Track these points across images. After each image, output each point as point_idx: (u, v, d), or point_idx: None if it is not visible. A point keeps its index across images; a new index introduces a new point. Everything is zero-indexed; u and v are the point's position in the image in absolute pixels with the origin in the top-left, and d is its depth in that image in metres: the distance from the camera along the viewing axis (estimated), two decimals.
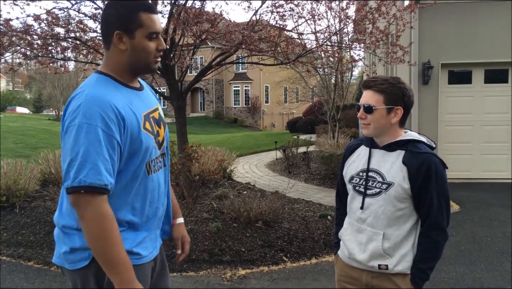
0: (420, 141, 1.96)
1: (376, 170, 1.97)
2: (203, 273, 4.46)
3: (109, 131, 1.59)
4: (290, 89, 30.02)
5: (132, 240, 1.73)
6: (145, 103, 1.82)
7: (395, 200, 1.90)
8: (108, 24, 1.72)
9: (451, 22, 8.75)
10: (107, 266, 1.60)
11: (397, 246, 1.94)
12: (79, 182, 1.55)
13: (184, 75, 6.27)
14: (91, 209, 1.56)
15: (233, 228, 5.40)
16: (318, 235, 5.41)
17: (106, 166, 1.58)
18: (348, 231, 2.09)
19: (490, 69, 8.98)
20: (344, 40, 8.80)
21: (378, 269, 1.96)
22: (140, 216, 1.76)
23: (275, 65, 6.62)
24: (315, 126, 18.42)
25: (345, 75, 13.69)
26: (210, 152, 8.77)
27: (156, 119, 1.85)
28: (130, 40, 1.71)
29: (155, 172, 1.81)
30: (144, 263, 1.78)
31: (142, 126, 1.72)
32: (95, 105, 1.59)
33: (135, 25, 1.69)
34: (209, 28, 5.13)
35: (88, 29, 5.65)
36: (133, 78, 1.82)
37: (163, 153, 1.89)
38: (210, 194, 7.11)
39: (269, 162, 12.42)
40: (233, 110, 39.83)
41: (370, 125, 1.96)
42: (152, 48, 1.74)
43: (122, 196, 1.70)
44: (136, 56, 1.73)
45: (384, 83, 1.93)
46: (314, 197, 7.66)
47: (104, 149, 1.57)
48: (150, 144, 1.74)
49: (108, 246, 1.58)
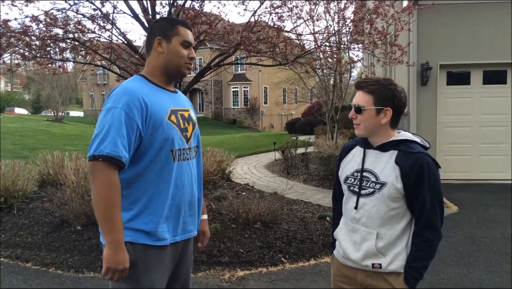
0: (413, 141, 1.99)
1: (370, 170, 2.01)
2: (201, 274, 4.45)
3: (131, 114, 1.91)
4: (289, 90, 30.02)
5: (151, 222, 1.97)
6: (175, 102, 2.14)
7: (388, 199, 1.93)
8: (152, 34, 2.13)
9: (449, 23, 8.76)
10: (104, 225, 1.87)
11: (391, 245, 1.96)
12: (99, 152, 1.86)
13: None
14: (103, 175, 1.86)
15: (232, 229, 5.39)
16: (317, 236, 5.40)
17: (123, 142, 1.88)
18: (343, 230, 2.12)
19: (488, 70, 8.99)
20: (343, 41, 8.79)
21: (372, 268, 1.99)
22: (164, 198, 2.00)
23: (274, 66, 6.62)
24: (314, 128, 18.43)
25: (344, 76, 13.69)
26: (209, 152, 8.75)
27: (186, 117, 2.16)
28: (167, 44, 2.09)
29: (181, 160, 2.07)
30: (162, 245, 2.00)
31: (167, 117, 2.03)
32: (124, 94, 1.95)
33: (173, 33, 2.09)
34: (207, 29, 5.13)
35: (87, 30, 5.64)
36: (167, 81, 2.16)
37: (191, 147, 2.16)
38: (208, 195, 7.09)
39: (268, 162, 12.41)
40: (232, 111, 39.83)
41: (360, 125, 2.01)
42: (184, 54, 2.11)
43: (147, 175, 1.98)
44: (170, 58, 2.09)
45: (374, 84, 1.97)
46: (313, 198, 7.66)
47: (124, 128, 1.89)
48: (173, 133, 2.03)
49: (109, 208, 1.86)
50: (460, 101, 9.05)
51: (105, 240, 1.87)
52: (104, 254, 1.86)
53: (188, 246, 2.21)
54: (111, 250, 1.85)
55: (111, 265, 1.84)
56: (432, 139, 8.80)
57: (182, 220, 2.10)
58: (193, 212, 2.17)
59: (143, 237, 1.96)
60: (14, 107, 47.16)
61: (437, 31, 8.77)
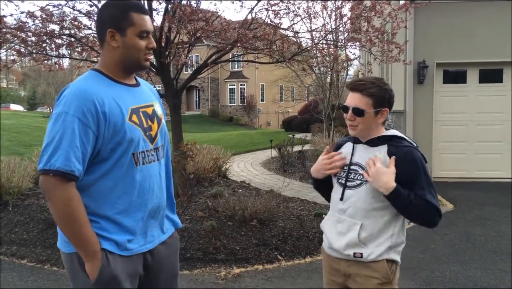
0: (402, 138, 2.06)
1: (358, 163, 2.08)
2: (197, 271, 4.45)
3: (86, 122, 1.72)
4: (285, 88, 30.06)
5: (116, 231, 1.84)
6: (136, 98, 1.93)
7: (374, 191, 1.98)
8: (102, 24, 1.87)
9: (446, 22, 8.77)
10: (73, 243, 1.77)
11: (373, 236, 2.00)
12: (50, 166, 1.69)
13: (179, 73, 6.24)
14: (57, 192, 1.70)
15: (228, 227, 5.39)
16: (313, 233, 5.41)
17: (76, 153, 1.70)
18: (329, 222, 2.17)
19: (484, 69, 9.01)
20: (340, 39, 8.80)
21: (353, 257, 2.03)
22: (127, 205, 1.85)
23: (271, 63, 6.61)
24: (310, 125, 18.44)
25: (341, 74, 13.70)
26: (205, 150, 8.75)
27: (149, 114, 1.95)
28: (122, 38, 1.84)
29: (145, 164, 1.90)
30: (130, 255, 1.87)
31: (127, 118, 1.83)
32: (77, 97, 1.74)
33: (126, 24, 1.83)
34: (204, 26, 5.12)
35: (83, 26, 5.62)
36: (125, 75, 1.94)
37: (157, 147, 1.97)
38: (205, 192, 7.09)
39: (264, 160, 12.42)
40: (229, 109, 39.79)
41: (357, 126, 2.05)
42: (142, 46, 1.87)
43: (106, 183, 1.81)
44: (127, 53, 1.86)
45: (372, 87, 2.00)
46: (309, 195, 7.66)
47: (77, 137, 1.70)
48: (136, 136, 1.84)
49: (73, 227, 1.73)
50: (456, 100, 9.07)
51: (81, 254, 1.78)
52: (86, 268, 1.78)
53: (162, 251, 2.03)
54: (90, 263, 1.77)
55: (95, 276, 1.78)
56: (428, 138, 8.83)
57: (150, 227, 1.95)
58: (162, 215, 2.04)
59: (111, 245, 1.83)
60: (9, 103, 46.94)
61: (434, 30, 8.78)
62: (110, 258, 1.81)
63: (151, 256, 1.97)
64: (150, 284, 2.01)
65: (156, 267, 2.00)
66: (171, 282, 2.10)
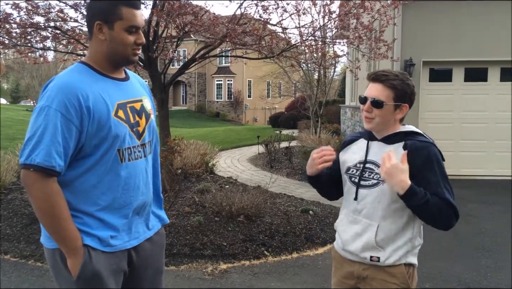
0: (420, 134, 1.95)
1: (374, 161, 1.95)
2: (184, 267, 4.43)
3: (69, 116, 1.69)
4: (273, 84, 30.08)
5: (99, 227, 1.81)
6: (124, 93, 1.89)
7: (391, 190, 1.85)
8: (91, 15, 1.83)
9: (433, 20, 8.84)
10: (54, 238, 1.75)
11: (391, 239, 1.90)
12: (31, 160, 1.67)
13: (167, 68, 6.19)
14: (37, 186, 1.68)
15: (215, 222, 5.37)
16: (300, 229, 5.42)
17: (58, 149, 1.68)
18: (344, 222, 2.07)
19: (470, 68, 9.11)
20: (328, 36, 8.81)
21: (370, 260, 1.93)
22: (111, 201, 1.82)
23: (260, 59, 6.60)
24: (297, 122, 18.48)
25: (328, 71, 13.74)
26: (192, 145, 8.72)
27: (137, 109, 1.92)
28: (109, 31, 1.80)
29: (131, 160, 1.86)
30: (113, 252, 1.84)
31: (113, 113, 1.79)
32: (60, 90, 1.70)
33: (115, 17, 1.78)
34: (193, 20, 5.07)
35: (69, 18, 5.53)
36: (113, 68, 1.89)
37: (144, 143, 1.94)
38: (192, 188, 7.06)
39: (251, 156, 12.41)
40: (216, 104, 39.68)
41: (374, 119, 1.92)
42: (130, 41, 1.82)
43: (90, 179, 1.78)
44: (114, 48, 1.82)
45: (396, 79, 1.89)
46: (296, 191, 7.69)
47: (59, 132, 1.68)
48: (121, 132, 1.81)
49: (53, 221, 1.71)
50: (442, 98, 9.16)
51: (63, 250, 1.75)
52: (68, 264, 1.76)
53: (148, 248, 2.01)
54: (72, 259, 1.75)
55: (77, 272, 1.75)
56: None
57: (134, 223, 1.93)
58: (147, 212, 2.02)
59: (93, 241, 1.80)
60: None
61: (421, 28, 8.84)
62: (92, 254, 1.78)
63: (136, 252, 1.94)
64: (134, 281, 1.99)
65: (141, 264, 1.98)
66: (156, 279, 2.08)
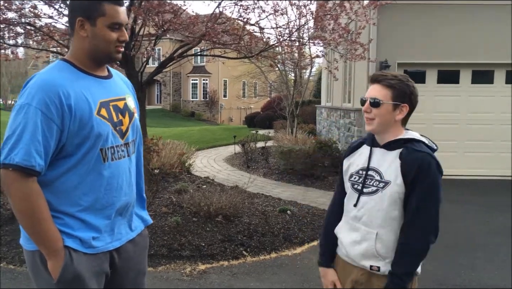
0: (420, 141, 1.93)
1: (376, 168, 1.96)
2: (162, 268, 4.38)
3: (49, 115, 1.64)
4: (249, 84, 30.09)
5: (81, 228, 1.77)
6: (107, 91, 1.86)
7: (391, 198, 1.87)
8: (72, 11, 1.79)
9: (408, 23, 9.01)
10: (34, 240, 1.70)
11: (390, 248, 1.90)
12: (10, 160, 1.62)
13: (144, 66, 6.11)
14: (17, 186, 1.64)
15: (193, 223, 5.34)
16: (278, 229, 5.44)
17: (38, 148, 1.63)
18: (343, 229, 2.07)
19: (443, 70, 9.32)
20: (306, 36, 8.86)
21: (370, 269, 1.94)
22: (93, 202, 1.78)
23: (239, 58, 6.58)
24: (273, 122, 18.54)
25: (304, 71, 13.84)
26: (170, 145, 8.64)
27: (120, 108, 1.88)
28: (92, 28, 1.76)
29: (114, 160, 1.83)
30: (95, 253, 1.81)
31: (95, 112, 1.75)
32: (40, 88, 1.66)
33: (97, 13, 1.74)
34: (172, 19, 5.02)
35: (43, 14, 5.38)
36: (96, 66, 1.85)
37: (127, 142, 1.90)
38: (169, 188, 7.00)
39: (227, 156, 12.39)
40: (191, 104, 39.41)
41: (374, 120, 1.92)
42: (113, 38, 1.78)
43: (71, 179, 1.74)
44: (96, 44, 1.78)
45: (393, 79, 1.91)
46: (273, 191, 7.71)
47: (40, 131, 1.63)
48: (104, 130, 1.77)
49: (33, 222, 1.66)
50: None
51: (43, 251, 1.71)
52: (48, 266, 1.71)
53: (130, 249, 1.97)
54: (52, 261, 1.71)
55: (58, 275, 1.71)
56: None
57: (117, 224, 1.90)
58: (130, 212, 1.99)
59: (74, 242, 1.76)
60: None
61: (396, 30, 9.00)
62: (74, 255, 1.74)
63: (118, 254, 1.91)
64: (116, 283, 1.95)
65: (123, 266, 1.94)
66: (138, 281, 2.04)
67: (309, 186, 8.37)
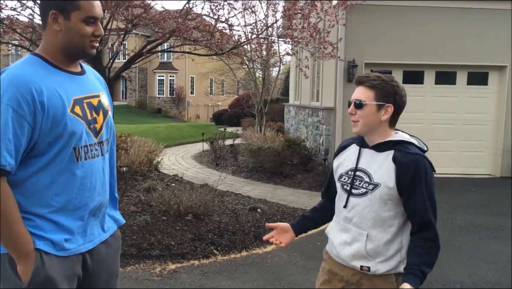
0: (411, 143, 1.94)
1: (364, 169, 1.96)
2: (130, 268, 4.29)
3: (21, 112, 1.57)
4: (216, 81, 29.95)
5: (53, 230, 1.71)
6: (81, 88, 1.79)
7: (380, 201, 1.89)
8: (45, 4, 1.72)
9: (376, 23, 9.16)
10: (3, 243, 1.63)
11: (381, 248, 1.91)
12: None
13: (113, 61, 5.97)
14: None
15: (162, 222, 5.26)
16: (248, 227, 5.44)
17: (8, 146, 1.56)
18: (334, 229, 2.08)
19: (408, 70, 9.55)
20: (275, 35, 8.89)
21: (360, 270, 1.95)
22: (66, 203, 1.72)
23: (209, 55, 6.52)
24: (241, 119, 18.52)
25: (272, 69, 13.89)
26: (138, 142, 8.48)
27: (94, 105, 1.82)
28: (65, 21, 1.69)
29: (87, 159, 1.77)
30: (67, 256, 1.75)
31: (69, 109, 1.69)
32: (12, 85, 1.58)
33: (71, 7, 1.68)
34: (142, 14, 4.91)
35: (5, 6, 5.16)
36: (69, 61, 1.79)
37: (101, 141, 1.85)
38: (137, 186, 6.87)
39: (195, 153, 12.29)
40: (157, 100, 38.85)
41: (359, 122, 1.93)
42: (88, 33, 1.72)
43: (43, 179, 1.68)
44: (70, 39, 1.71)
45: (376, 80, 1.91)
46: (243, 189, 7.70)
47: (10, 129, 1.56)
48: (78, 129, 1.71)
49: (3, 224, 1.58)
50: None
51: (12, 255, 1.64)
52: (18, 269, 1.65)
53: (103, 251, 1.92)
54: (23, 264, 1.64)
55: (28, 279, 1.65)
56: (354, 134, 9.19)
57: (90, 225, 1.84)
58: (103, 213, 1.93)
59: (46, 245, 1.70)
60: None
61: (364, 30, 9.13)
62: (45, 258, 1.67)
63: (90, 256, 1.85)
64: (89, 285, 1.89)
65: (96, 268, 1.89)
66: (111, 283, 1.99)
67: (278, 183, 8.41)
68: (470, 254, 4.92)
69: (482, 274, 4.38)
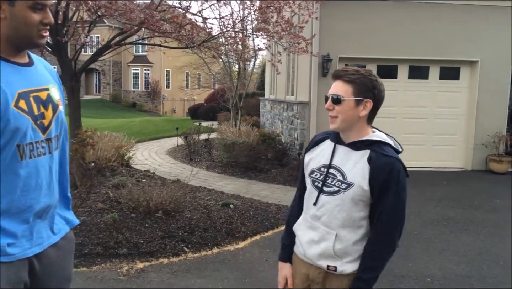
0: (387, 144, 1.88)
1: (338, 167, 1.88)
2: (96, 268, 4.15)
3: None
4: (192, 75, 29.63)
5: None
6: (27, 80, 1.66)
7: (352, 201, 1.82)
8: None
9: (350, 18, 9.15)
10: None
11: (349, 249, 1.86)
12: None
13: (78, 54, 5.76)
14: None
15: (131, 219, 5.12)
16: (220, 224, 5.34)
17: None
18: (302, 226, 2.01)
19: (382, 65, 9.58)
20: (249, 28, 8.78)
21: (326, 269, 1.90)
22: (8, 205, 1.59)
23: (180, 48, 6.36)
24: (217, 114, 18.38)
25: (247, 63, 13.76)
26: (107, 137, 8.26)
27: (42, 99, 1.69)
28: (10, 8, 1.55)
29: (33, 157, 1.64)
30: (11, 261, 1.62)
31: (12, 104, 1.56)
32: None
33: None
34: (107, 4, 4.73)
35: None
36: (15, 51, 1.64)
37: (49, 138, 1.72)
38: (106, 183, 6.68)
39: (169, 148, 12.11)
40: (132, 94, 38.27)
41: (337, 118, 1.85)
42: (35, 21, 1.59)
43: None
44: (15, 27, 1.58)
45: (355, 74, 1.83)
46: (216, 184, 7.59)
47: None
48: (23, 125, 1.59)
49: None
50: None
51: None
52: None
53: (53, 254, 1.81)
54: None
55: None
56: (328, 128, 9.19)
57: (36, 228, 1.72)
58: (52, 214, 1.81)
59: None
60: None
61: (338, 25, 9.11)
62: None
63: (38, 260, 1.73)
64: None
65: (45, 273, 1.77)
66: (62, 287, 1.88)
67: (252, 178, 8.33)
68: (441, 248, 4.94)
69: (453, 267, 4.41)
